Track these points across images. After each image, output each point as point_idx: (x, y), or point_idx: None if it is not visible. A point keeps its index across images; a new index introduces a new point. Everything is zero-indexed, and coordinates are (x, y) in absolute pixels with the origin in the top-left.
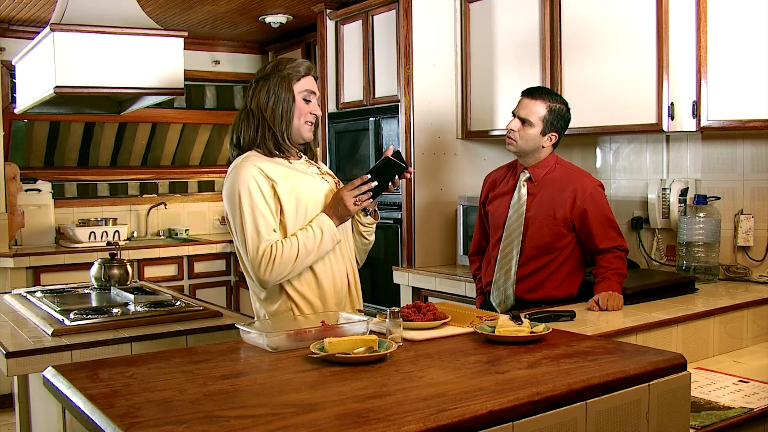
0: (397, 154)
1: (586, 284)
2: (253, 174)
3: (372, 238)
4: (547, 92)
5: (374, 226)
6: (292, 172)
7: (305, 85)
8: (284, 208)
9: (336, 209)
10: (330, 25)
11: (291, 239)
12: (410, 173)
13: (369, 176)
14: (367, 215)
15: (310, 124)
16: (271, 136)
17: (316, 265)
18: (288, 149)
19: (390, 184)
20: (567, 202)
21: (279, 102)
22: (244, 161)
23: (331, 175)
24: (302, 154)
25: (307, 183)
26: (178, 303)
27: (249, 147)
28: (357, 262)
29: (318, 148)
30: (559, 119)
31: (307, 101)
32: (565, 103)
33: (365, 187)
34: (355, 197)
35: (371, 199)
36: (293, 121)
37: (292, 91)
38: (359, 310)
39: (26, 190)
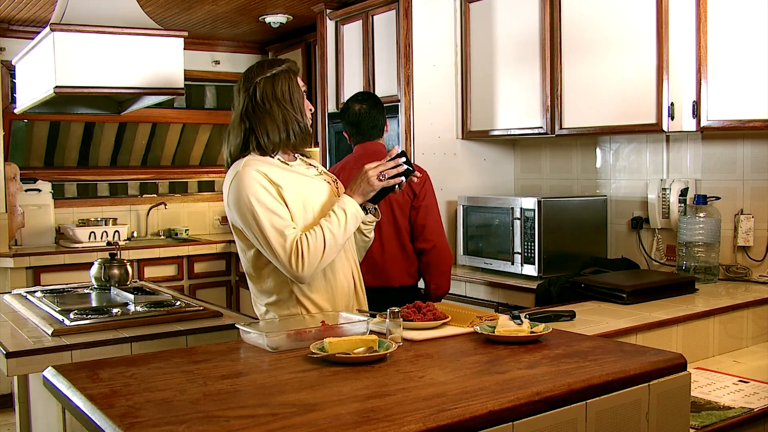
0: (402, 154)
1: None
2: (258, 179)
3: (372, 235)
4: None
5: (374, 224)
6: (293, 175)
7: (300, 81)
8: (292, 212)
9: (358, 186)
10: (330, 25)
11: (315, 228)
12: (417, 177)
13: (399, 150)
14: (367, 213)
15: (310, 120)
16: (297, 128)
17: (324, 268)
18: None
19: (396, 186)
20: None
21: (296, 92)
22: (246, 167)
23: (327, 174)
24: (297, 155)
25: (310, 185)
26: (178, 303)
27: (273, 148)
28: None
29: (317, 148)
30: None
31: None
32: None
33: (392, 163)
34: (380, 172)
35: (376, 201)
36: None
37: (299, 84)
38: (359, 310)
39: (26, 190)
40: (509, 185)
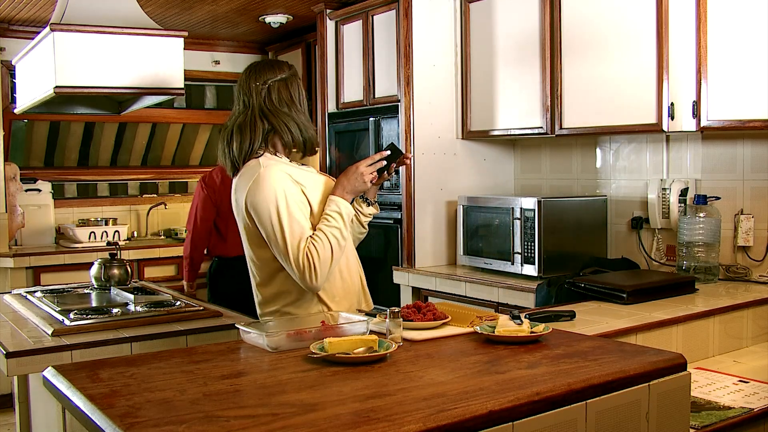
0: (390, 147)
1: None
2: (283, 180)
3: (367, 228)
4: None
5: (372, 216)
6: (310, 175)
7: None
8: (313, 211)
9: (352, 184)
10: (330, 25)
11: (320, 236)
12: (409, 159)
13: (389, 152)
14: (369, 206)
15: None
16: (312, 131)
17: (341, 264)
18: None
19: (385, 173)
20: None
21: (305, 98)
22: (268, 168)
23: (329, 177)
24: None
25: (320, 186)
26: (178, 303)
27: (297, 147)
28: None
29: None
30: None
31: None
32: None
33: (381, 163)
34: (372, 173)
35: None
36: None
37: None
38: (359, 310)
39: (26, 190)
40: (509, 185)
